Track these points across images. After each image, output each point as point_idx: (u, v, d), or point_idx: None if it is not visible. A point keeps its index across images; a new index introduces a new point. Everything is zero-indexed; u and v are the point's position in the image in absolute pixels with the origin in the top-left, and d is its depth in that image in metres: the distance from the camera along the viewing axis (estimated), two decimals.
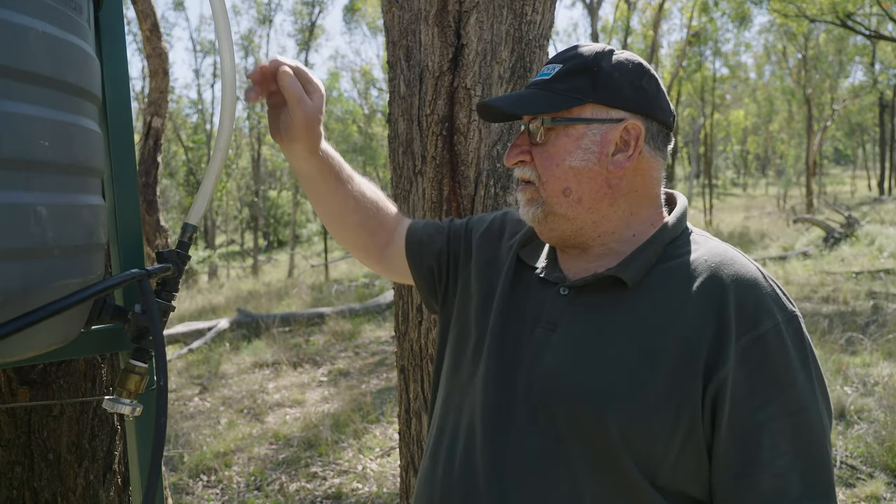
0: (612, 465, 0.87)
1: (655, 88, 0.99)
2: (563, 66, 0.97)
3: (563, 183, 0.96)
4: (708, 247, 0.96)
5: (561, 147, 0.96)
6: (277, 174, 28.97)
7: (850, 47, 26.37)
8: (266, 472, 4.06)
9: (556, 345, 0.95)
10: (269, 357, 7.08)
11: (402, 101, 1.66)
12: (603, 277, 0.95)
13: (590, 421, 0.88)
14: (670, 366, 0.87)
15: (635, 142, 0.95)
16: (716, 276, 0.91)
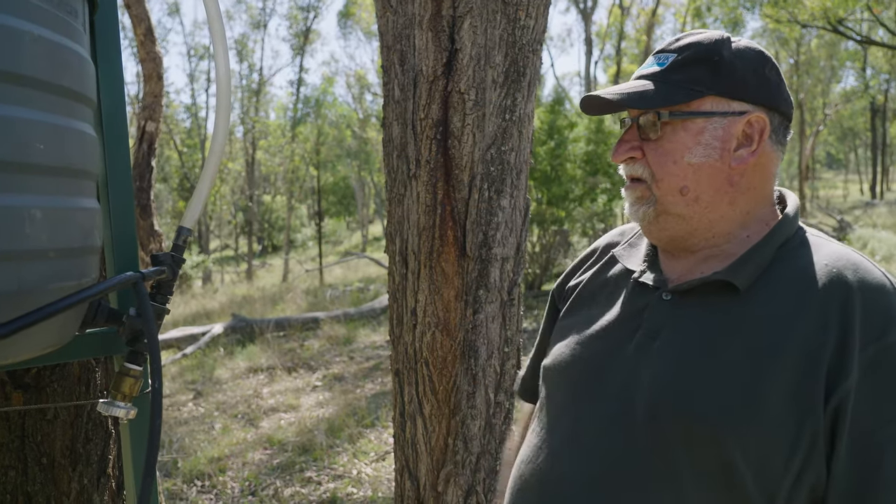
0: (725, 486, 0.81)
1: (778, 78, 0.92)
2: (678, 56, 0.91)
3: (680, 181, 0.90)
4: (829, 249, 0.88)
5: (679, 142, 0.89)
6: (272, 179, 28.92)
7: (841, 53, 26.55)
8: (261, 478, 4.04)
9: (660, 356, 0.88)
10: (263, 362, 7.06)
11: (396, 105, 1.66)
12: (712, 282, 0.88)
13: (702, 441, 0.81)
14: (789, 379, 0.79)
15: (759, 136, 0.90)
16: (839, 281, 0.82)
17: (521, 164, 1.66)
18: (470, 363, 1.64)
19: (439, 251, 1.59)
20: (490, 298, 1.65)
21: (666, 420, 0.84)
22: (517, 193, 1.66)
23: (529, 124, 1.69)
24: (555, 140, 10.05)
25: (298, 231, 36.31)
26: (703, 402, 0.82)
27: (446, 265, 1.60)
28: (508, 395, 1.72)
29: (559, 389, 0.99)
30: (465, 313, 1.62)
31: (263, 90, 23.60)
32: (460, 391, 1.64)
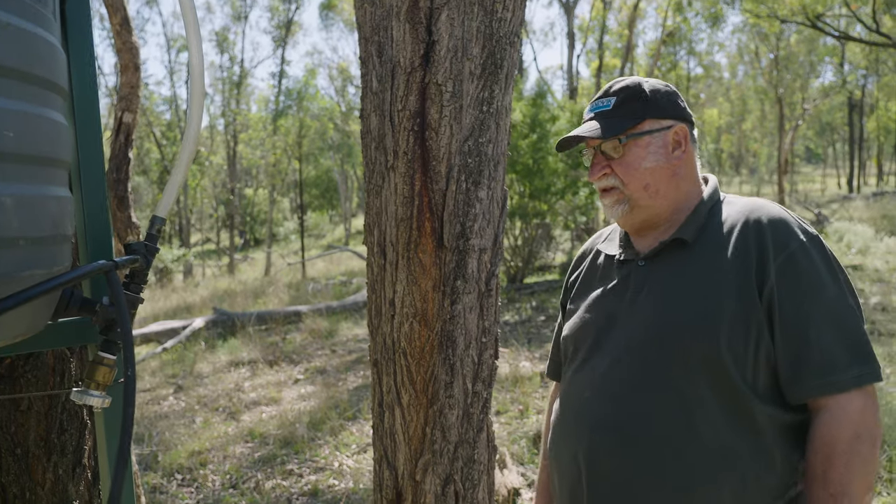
0: (714, 374, 1.12)
1: (680, 99, 1.32)
2: (617, 98, 1.30)
3: (643, 181, 1.26)
4: (742, 202, 1.26)
5: (636, 156, 1.26)
6: (254, 172, 28.71)
7: (820, 48, 26.84)
8: (242, 471, 4.04)
9: (648, 302, 1.22)
10: (245, 356, 7.03)
11: (374, 97, 1.67)
12: (669, 242, 1.24)
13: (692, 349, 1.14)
14: (734, 288, 1.14)
15: (685, 139, 1.28)
16: (753, 219, 1.19)
17: (499, 156, 1.67)
18: (448, 353, 1.65)
19: (417, 242, 1.60)
20: (468, 289, 1.66)
21: (665, 342, 1.16)
22: (495, 185, 1.67)
23: (507, 116, 1.70)
24: (537, 133, 10.09)
25: (281, 224, 36.09)
26: (687, 321, 1.15)
27: (424, 256, 1.61)
28: (486, 384, 1.73)
29: (578, 348, 1.32)
30: (443, 304, 1.63)
31: (245, 82, 23.36)
32: (438, 381, 1.65)
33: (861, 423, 1.09)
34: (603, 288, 1.34)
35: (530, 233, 10.74)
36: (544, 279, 11.56)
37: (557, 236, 12.79)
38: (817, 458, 1.10)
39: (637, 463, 1.16)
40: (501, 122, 1.66)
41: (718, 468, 1.12)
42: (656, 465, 1.15)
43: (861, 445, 1.08)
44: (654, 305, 1.21)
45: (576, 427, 1.26)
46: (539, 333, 7.62)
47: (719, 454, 1.13)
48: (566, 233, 13.45)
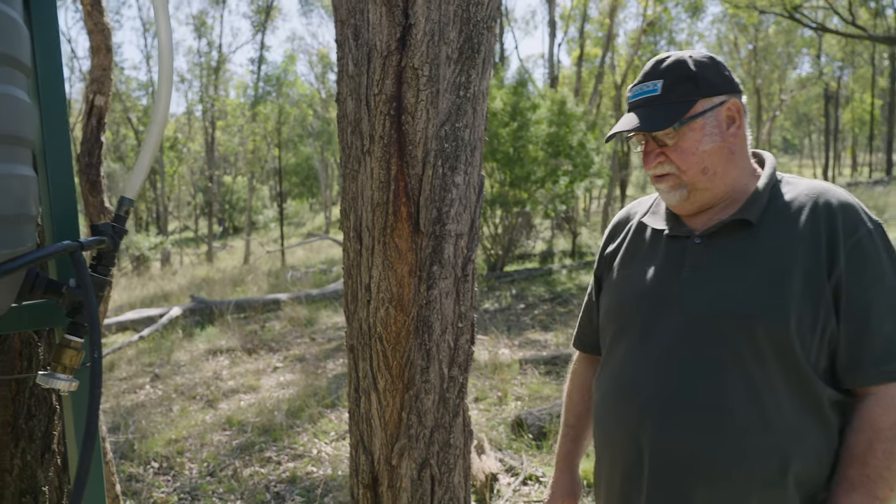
0: (781, 354, 1.13)
1: (729, 71, 1.25)
2: (664, 81, 1.23)
3: (701, 164, 1.21)
4: (805, 184, 1.23)
5: (692, 140, 1.21)
6: (232, 159, 28.40)
7: (797, 39, 27.11)
8: (219, 459, 4.02)
9: (709, 278, 1.19)
10: (223, 344, 6.99)
11: (350, 81, 1.65)
12: (731, 222, 1.20)
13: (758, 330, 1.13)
14: (802, 272, 1.13)
15: (738, 114, 1.23)
16: (822, 202, 1.17)
17: (476, 141, 1.67)
18: (424, 338, 1.66)
19: (393, 227, 1.60)
20: (444, 274, 1.66)
21: (730, 322, 1.15)
22: (471, 170, 1.67)
23: (484, 101, 1.69)
24: (517, 122, 10.08)
25: (260, 212, 35.78)
26: (750, 305, 1.14)
27: (400, 241, 1.60)
28: (462, 370, 1.74)
29: (628, 326, 1.29)
30: (419, 289, 1.63)
31: (223, 68, 23.03)
32: (414, 366, 1.65)
33: None
34: (651, 264, 1.29)
35: (510, 221, 10.76)
36: (524, 267, 11.61)
37: (537, 225, 12.83)
38: (860, 440, 1.12)
39: (706, 444, 1.15)
40: (478, 107, 1.66)
41: (786, 449, 1.13)
42: (725, 445, 1.14)
43: None
44: (717, 285, 1.18)
45: (636, 408, 1.23)
46: (518, 321, 7.66)
47: (788, 435, 1.14)
48: (546, 221, 13.49)
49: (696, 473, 1.16)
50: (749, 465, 1.13)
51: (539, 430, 3.93)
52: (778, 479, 1.13)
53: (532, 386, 4.97)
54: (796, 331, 1.12)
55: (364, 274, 1.67)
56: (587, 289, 1.59)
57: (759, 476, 1.13)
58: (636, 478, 1.23)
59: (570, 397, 1.60)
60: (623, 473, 1.27)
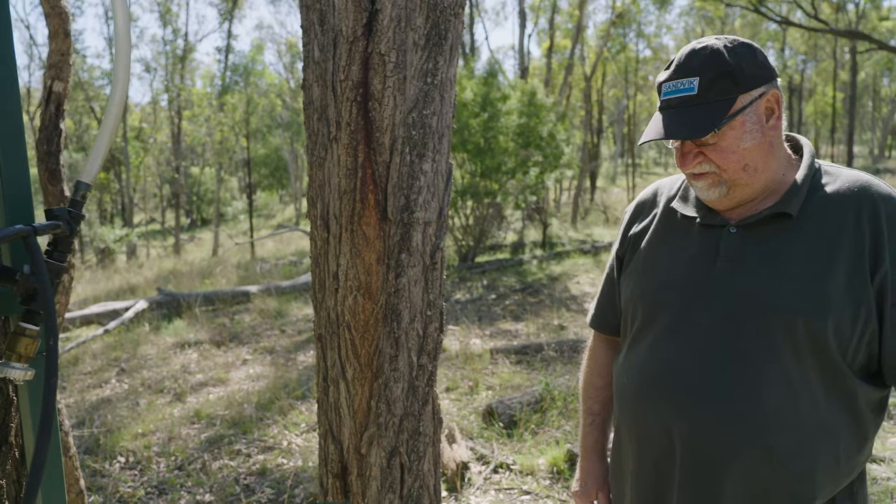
0: (816, 352, 1.10)
1: (765, 57, 1.18)
2: (701, 78, 1.14)
3: (742, 162, 1.16)
4: (846, 174, 1.19)
5: (732, 139, 1.15)
6: (199, 150, 27.91)
7: (763, 33, 27.57)
8: (188, 452, 3.97)
9: (746, 270, 1.15)
10: (191, 337, 6.89)
11: (316, 67, 1.63)
12: (769, 214, 1.16)
13: (795, 326, 1.10)
14: (844, 270, 1.10)
15: (777, 104, 1.17)
16: (864, 196, 1.13)
17: (444, 129, 1.67)
18: (392, 327, 1.65)
19: (360, 214, 1.59)
20: (412, 262, 1.65)
21: (768, 315, 1.12)
22: (439, 158, 1.67)
23: (451, 89, 1.69)
24: (488, 112, 10.09)
25: (229, 204, 35.27)
26: (788, 300, 1.11)
27: (367, 229, 1.59)
28: (431, 358, 1.74)
29: (658, 313, 1.24)
30: (388, 277, 1.62)
31: (189, 56, 22.58)
32: (383, 354, 1.65)
33: None
34: (684, 251, 1.24)
35: (481, 212, 10.79)
36: (495, 258, 11.65)
37: (508, 216, 12.89)
38: None
39: (738, 437, 1.13)
40: (446, 94, 1.65)
41: (819, 444, 1.12)
42: (757, 440, 1.13)
43: None
44: (754, 277, 1.15)
45: (668, 398, 1.20)
46: (490, 311, 7.69)
47: (821, 430, 1.12)
48: (517, 212, 13.55)
49: (727, 466, 1.15)
50: (779, 460, 1.12)
51: (510, 419, 3.96)
52: (806, 475, 1.12)
53: (503, 375, 5.01)
54: (835, 329, 1.09)
55: (332, 262, 1.66)
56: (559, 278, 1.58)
57: (787, 472, 1.12)
58: (668, 468, 1.21)
59: (591, 383, 1.53)
60: (654, 463, 1.24)
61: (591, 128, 24.50)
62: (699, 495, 1.17)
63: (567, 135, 11.24)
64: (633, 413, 1.28)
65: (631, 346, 1.31)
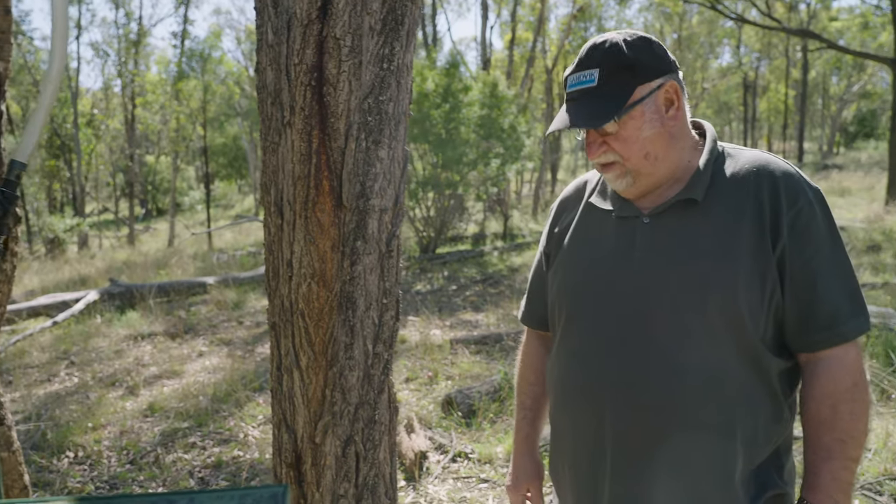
0: (731, 325, 1.15)
1: (663, 50, 1.23)
2: (601, 70, 1.19)
3: (643, 151, 1.21)
4: (746, 156, 1.24)
5: (633, 129, 1.20)
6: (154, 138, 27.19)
7: (719, 30, 28.14)
8: (140, 446, 3.88)
9: (660, 257, 1.20)
10: (145, 329, 6.73)
11: (269, 50, 1.60)
12: (678, 201, 1.22)
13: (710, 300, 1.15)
14: (752, 245, 1.15)
15: (676, 95, 1.22)
16: (762, 174, 1.19)
17: (400, 115, 1.65)
18: (348, 315, 1.64)
19: (315, 201, 1.56)
20: (368, 250, 1.64)
21: (683, 298, 1.17)
22: (396, 144, 1.65)
23: (408, 75, 1.67)
24: (449, 103, 10.07)
25: (186, 194, 34.50)
26: (704, 277, 1.16)
27: (322, 215, 1.57)
28: (387, 346, 1.73)
29: (586, 303, 1.28)
30: (343, 264, 1.61)
31: (143, 41, 21.92)
32: (338, 342, 1.63)
33: (857, 370, 1.17)
34: (603, 244, 1.29)
35: (443, 203, 10.78)
36: (456, 249, 11.67)
37: (470, 207, 12.91)
38: (823, 407, 1.16)
39: (665, 417, 1.17)
40: (402, 80, 1.64)
41: (739, 418, 1.16)
42: (682, 417, 1.17)
43: (859, 392, 1.16)
44: (669, 263, 1.19)
45: (595, 386, 1.24)
46: (450, 302, 7.70)
47: (740, 405, 1.16)
48: (478, 204, 13.59)
49: (653, 447, 1.18)
50: (702, 436, 1.16)
51: (469, 409, 3.98)
52: (728, 449, 1.17)
53: (463, 365, 5.02)
54: (747, 306, 1.14)
55: (285, 249, 1.63)
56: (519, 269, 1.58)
57: (710, 447, 1.17)
58: (600, 454, 1.24)
59: (525, 378, 1.55)
60: (587, 450, 1.27)
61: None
62: (628, 477, 1.21)
63: (528, 127, 11.31)
64: (564, 403, 1.32)
65: (560, 340, 1.35)
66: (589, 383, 1.25)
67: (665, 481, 1.18)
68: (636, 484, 1.20)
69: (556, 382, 1.35)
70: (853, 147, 39.51)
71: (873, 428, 3.52)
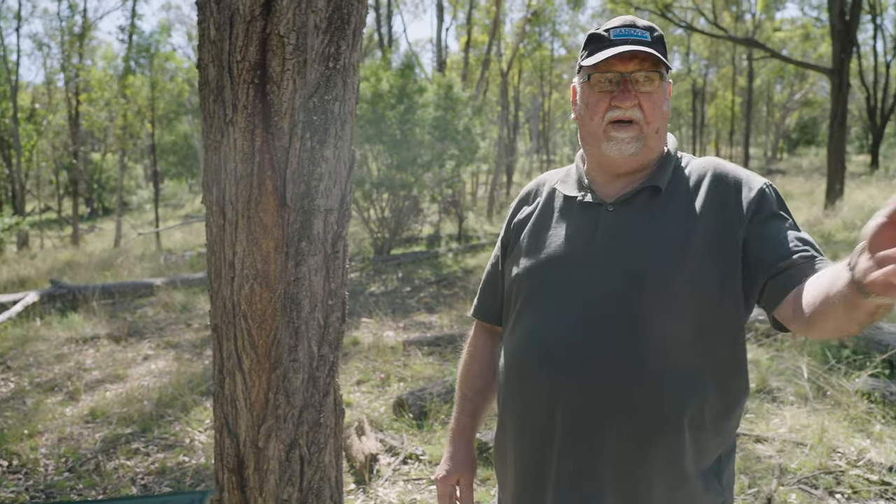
0: (692, 310, 1.19)
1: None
2: (651, 33, 1.26)
3: (658, 123, 1.26)
4: (701, 159, 1.33)
5: (661, 96, 1.25)
6: (100, 135, 26.33)
7: (669, 37, 28.80)
8: (80, 453, 3.75)
9: (623, 243, 1.23)
10: (88, 332, 6.51)
11: (212, 46, 1.56)
12: (642, 189, 1.26)
13: (668, 286, 1.18)
14: (712, 231, 1.20)
15: (669, 94, 1.29)
16: (719, 170, 1.27)
17: (346, 115, 1.64)
18: (292, 316, 1.61)
19: (257, 201, 1.54)
20: (313, 251, 1.62)
21: (645, 284, 1.20)
22: (342, 144, 1.64)
23: (355, 74, 1.66)
24: (404, 104, 10.05)
25: (134, 193, 33.50)
26: (663, 264, 1.20)
27: (265, 215, 1.54)
28: (333, 348, 1.71)
29: (545, 286, 1.29)
30: (287, 265, 1.58)
31: (88, 35, 21.18)
32: (281, 345, 1.61)
33: None
34: (565, 229, 1.31)
35: (398, 204, 10.75)
36: (411, 250, 11.65)
37: (425, 208, 12.90)
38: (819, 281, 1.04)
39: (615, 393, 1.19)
40: (349, 79, 1.62)
41: (688, 401, 1.19)
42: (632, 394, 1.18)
43: None
44: (630, 246, 1.23)
45: (549, 366, 1.24)
46: (404, 304, 7.68)
47: (690, 384, 1.19)
48: (434, 205, 13.59)
49: (604, 427, 1.20)
50: (649, 418, 1.18)
51: (420, 410, 3.97)
52: (676, 423, 1.19)
53: (415, 367, 5.01)
54: (704, 290, 1.18)
55: (228, 250, 1.60)
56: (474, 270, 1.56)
57: (658, 432, 1.19)
58: (549, 436, 1.24)
59: (468, 370, 1.53)
60: (536, 433, 1.26)
61: (508, 123, 24.88)
62: (579, 457, 1.21)
63: (483, 129, 11.37)
64: (515, 387, 1.30)
65: (514, 325, 1.34)
66: (541, 364, 1.25)
67: (613, 460, 1.20)
68: (584, 460, 1.21)
69: (506, 367, 1.34)
70: (796, 153, 40.97)
71: (809, 424, 3.65)
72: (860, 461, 3.26)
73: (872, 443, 3.45)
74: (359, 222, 11.16)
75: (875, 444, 3.44)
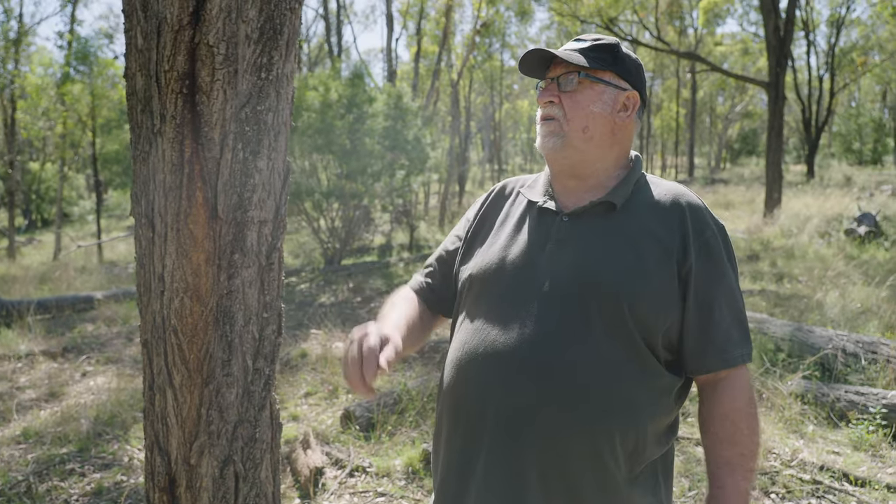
0: (621, 330, 1.21)
1: (644, 77, 1.37)
2: (590, 44, 1.33)
3: (584, 122, 1.29)
4: (665, 185, 1.35)
5: (587, 97, 1.30)
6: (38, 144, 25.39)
7: None
8: (9, 476, 3.58)
9: (572, 255, 1.26)
10: (22, 348, 6.23)
11: (139, 55, 1.53)
12: (598, 203, 1.30)
13: (608, 304, 1.21)
14: (660, 260, 1.23)
15: (633, 107, 1.34)
16: (677, 203, 1.29)
17: (280, 126, 1.62)
18: (225, 330, 1.59)
19: (187, 213, 1.51)
20: (247, 263, 1.60)
21: (586, 296, 1.22)
22: (276, 155, 1.62)
23: (289, 85, 1.65)
24: (354, 114, 10.01)
25: (75, 203, 32.39)
26: (607, 278, 1.23)
27: (195, 228, 1.52)
28: (268, 361, 1.69)
29: (494, 289, 1.31)
30: (219, 278, 1.56)
31: (25, 40, 20.44)
32: (214, 359, 1.58)
33: (750, 389, 1.28)
34: (520, 233, 1.34)
35: (348, 214, 10.68)
36: (362, 260, 11.58)
37: (377, 218, 12.86)
38: (725, 424, 1.26)
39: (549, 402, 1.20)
40: (282, 90, 1.61)
41: (619, 415, 1.20)
42: (563, 405, 1.19)
43: (753, 409, 1.27)
44: (578, 261, 1.25)
45: (487, 365, 1.26)
46: (354, 314, 7.62)
47: (622, 404, 1.20)
48: (385, 215, 13.55)
49: (533, 431, 1.21)
50: (581, 426, 1.20)
51: (368, 422, 3.94)
52: (606, 443, 1.20)
53: None
54: (643, 315, 1.21)
55: (157, 263, 1.56)
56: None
57: (587, 438, 1.20)
58: (480, 434, 1.25)
59: (391, 302, 1.49)
60: (467, 428, 1.28)
61: (460, 133, 25.05)
62: (504, 458, 1.22)
63: (433, 139, 11.41)
64: (452, 382, 1.32)
65: (462, 322, 1.37)
66: (479, 362, 1.27)
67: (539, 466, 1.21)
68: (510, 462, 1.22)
69: (450, 357, 1.35)
70: (738, 163, 42.42)
71: None
72: (794, 461, 3.38)
73: (805, 443, 3.59)
74: (309, 232, 11.05)
75: (808, 444, 3.57)
